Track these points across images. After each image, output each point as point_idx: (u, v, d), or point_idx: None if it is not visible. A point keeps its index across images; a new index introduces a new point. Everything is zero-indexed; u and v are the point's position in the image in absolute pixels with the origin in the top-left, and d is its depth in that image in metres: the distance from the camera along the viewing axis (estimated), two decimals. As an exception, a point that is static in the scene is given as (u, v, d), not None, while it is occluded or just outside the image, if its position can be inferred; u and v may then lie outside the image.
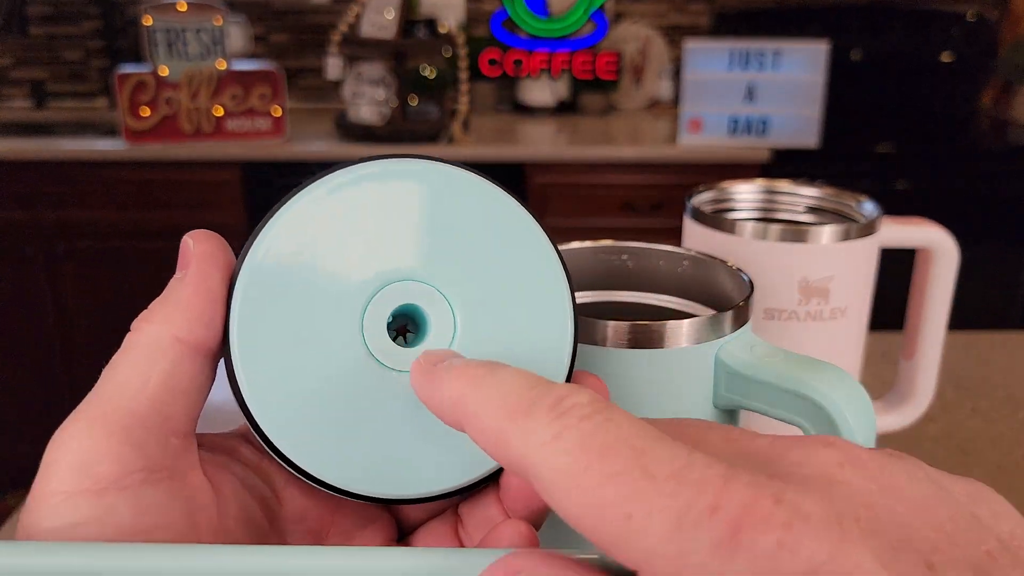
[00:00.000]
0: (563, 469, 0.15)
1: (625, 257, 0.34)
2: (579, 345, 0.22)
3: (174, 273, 0.22)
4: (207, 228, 0.23)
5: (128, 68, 1.69)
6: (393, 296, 0.21)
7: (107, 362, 0.21)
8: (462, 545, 0.22)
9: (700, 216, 0.42)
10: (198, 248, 0.22)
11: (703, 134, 1.72)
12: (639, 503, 0.14)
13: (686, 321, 0.26)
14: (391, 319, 0.21)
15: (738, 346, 0.27)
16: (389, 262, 0.21)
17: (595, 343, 0.26)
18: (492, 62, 1.95)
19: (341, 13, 1.80)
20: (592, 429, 0.15)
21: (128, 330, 0.22)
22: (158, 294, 0.22)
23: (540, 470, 0.15)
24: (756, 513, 0.13)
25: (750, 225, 0.41)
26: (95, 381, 0.21)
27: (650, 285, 0.34)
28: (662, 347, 0.26)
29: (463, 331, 0.21)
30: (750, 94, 1.69)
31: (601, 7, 1.87)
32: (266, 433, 0.21)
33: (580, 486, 0.14)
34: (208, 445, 0.22)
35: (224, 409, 0.25)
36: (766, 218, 0.46)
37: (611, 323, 0.26)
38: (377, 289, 0.21)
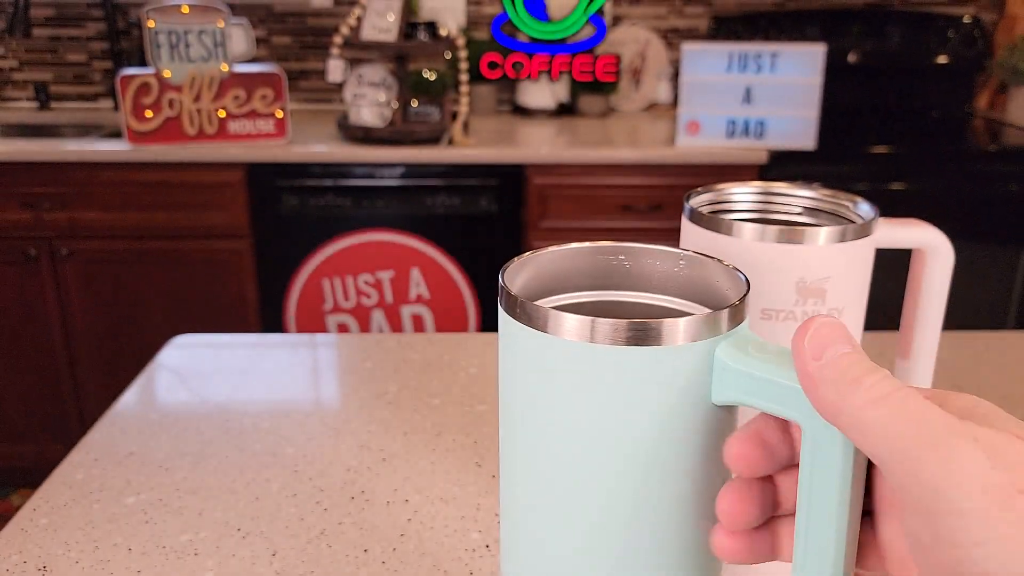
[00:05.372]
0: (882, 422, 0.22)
1: (622, 258, 0.34)
2: (573, 343, 0.23)
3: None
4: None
5: (131, 70, 1.70)
6: None
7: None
8: None
9: (698, 217, 0.43)
10: None
11: (701, 136, 1.73)
12: (962, 453, 0.21)
13: (683, 319, 0.27)
14: None
15: (736, 342, 0.27)
16: None
17: (593, 341, 0.27)
18: (492, 65, 1.96)
19: (343, 16, 1.81)
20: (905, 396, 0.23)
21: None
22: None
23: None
24: None
25: (747, 226, 0.41)
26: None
27: (648, 285, 0.34)
28: (660, 344, 0.27)
29: None
30: (748, 96, 1.70)
31: (600, 10, 1.88)
32: None
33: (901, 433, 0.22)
34: None
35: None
36: (763, 219, 0.46)
37: (610, 320, 0.27)
38: None
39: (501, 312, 0.30)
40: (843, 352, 0.24)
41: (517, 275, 0.32)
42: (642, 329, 0.27)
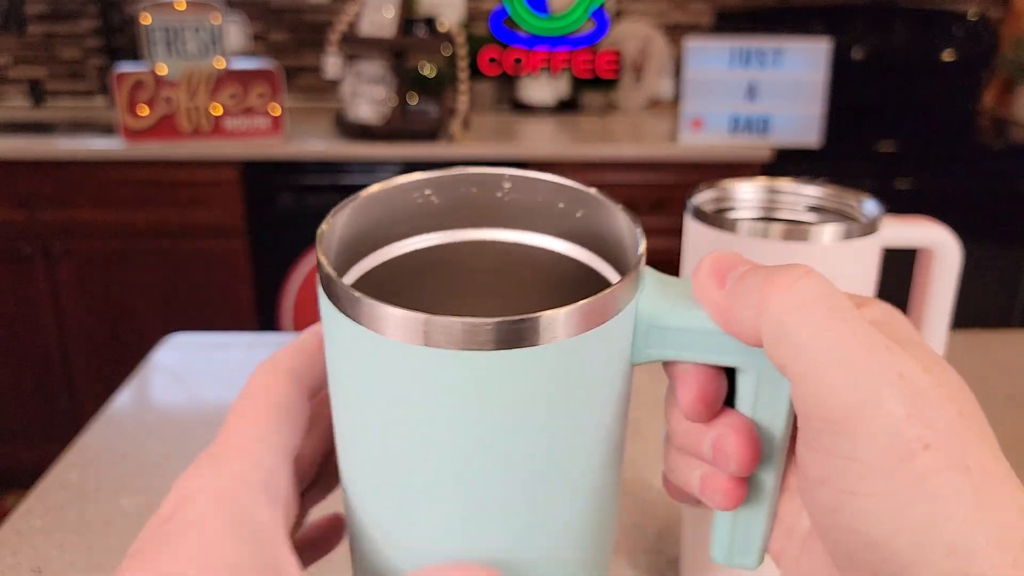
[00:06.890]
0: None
1: (507, 187, 0.28)
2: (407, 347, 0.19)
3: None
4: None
5: (126, 67, 1.69)
6: None
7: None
8: None
9: (701, 215, 0.42)
10: None
11: (704, 133, 1.71)
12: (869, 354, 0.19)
13: (579, 306, 0.20)
14: None
15: (651, 296, 0.22)
16: None
17: (433, 345, 0.19)
18: (492, 60, 1.95)
19: (340, 11, 1.79)
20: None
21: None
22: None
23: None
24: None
25: (751, 224, 0.40)
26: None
27: (528, 223, 0.29)
28: (541, 343, 0.19)
29: None
30: (751, 93, 1.68)
31: (602, 5, 1.87)
32: None
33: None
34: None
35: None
36: (767, 217, 0.45)
37: (464, 322, 0.19)
38: None
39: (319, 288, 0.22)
40: (745, 270, 0.22)
41: (346, 223, 0.24)
42: (516, 328, 0.19)
